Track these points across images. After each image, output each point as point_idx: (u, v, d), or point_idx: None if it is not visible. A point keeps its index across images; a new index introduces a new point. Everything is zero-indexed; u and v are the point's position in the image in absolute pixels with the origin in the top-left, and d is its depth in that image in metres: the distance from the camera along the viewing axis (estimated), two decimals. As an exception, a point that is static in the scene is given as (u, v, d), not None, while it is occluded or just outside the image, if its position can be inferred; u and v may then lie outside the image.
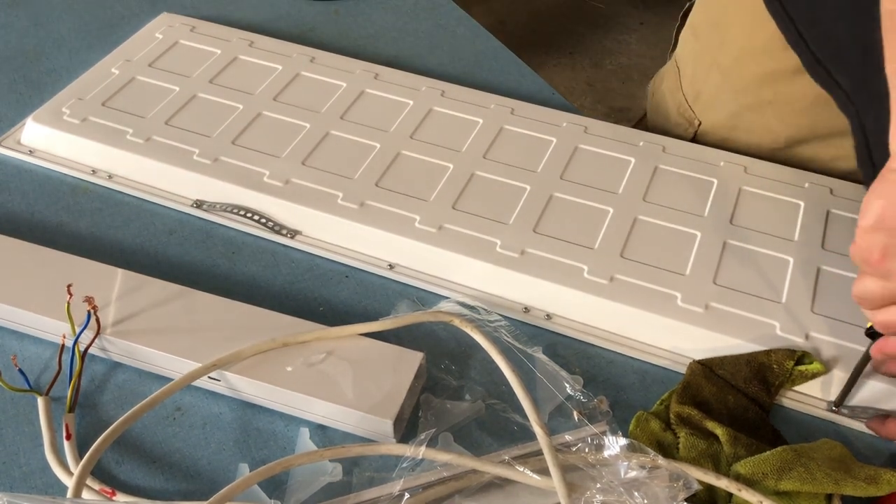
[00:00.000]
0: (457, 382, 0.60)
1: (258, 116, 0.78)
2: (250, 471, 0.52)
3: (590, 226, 0.68)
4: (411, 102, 0.80)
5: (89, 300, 0.58)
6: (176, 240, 0.71)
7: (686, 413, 0.56)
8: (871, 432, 0.57)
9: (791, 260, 0.65)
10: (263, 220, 0.70)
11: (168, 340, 0.59)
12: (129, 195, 0.74)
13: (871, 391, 0.58)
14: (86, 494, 0.52)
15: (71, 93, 0.80)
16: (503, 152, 0.75)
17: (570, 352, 0.63)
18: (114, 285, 0.62)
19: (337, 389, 0.56)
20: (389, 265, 0.68)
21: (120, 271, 0.64)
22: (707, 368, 0.59)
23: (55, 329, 0.60)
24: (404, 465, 0.52)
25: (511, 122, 0.78)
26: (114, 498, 0.53)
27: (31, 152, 0.78)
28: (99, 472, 0.55)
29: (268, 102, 0.79)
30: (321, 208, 0.69)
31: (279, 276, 0.68)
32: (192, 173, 0.72)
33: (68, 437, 0.56)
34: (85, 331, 0.58)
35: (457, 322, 0.60)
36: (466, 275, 0.66)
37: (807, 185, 0.72)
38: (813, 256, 0.65)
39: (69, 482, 0.52)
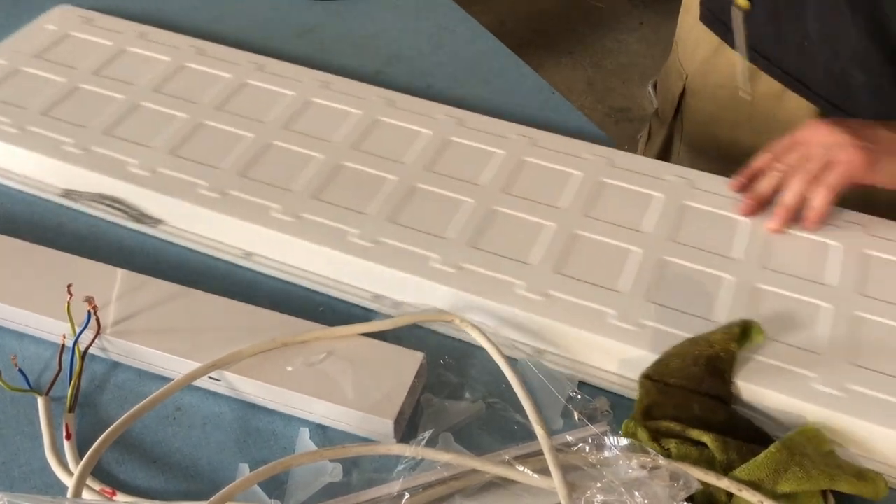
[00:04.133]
0: (457, 382, 0.60)
1: (135, 108, 0.77)
2: (250, 471, 0.52)
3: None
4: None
5: (89, 300, 0.58)
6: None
7: (665, 427, 0.55)
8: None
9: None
10: (120, 207, 0.70)
11: (168, 340, 0.59)
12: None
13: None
14: (86, 494, 0.52)
15: None
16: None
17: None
18: (114, 285, 0.62)
19: (337, 389, 0.56)
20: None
21: (120, 271, 0.64)
22: (660, 383, 0.57)
23: (55, 329, 0.60)
24: (404, 465, 0.52)
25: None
26: (114, 498, 0.53)
27: None
28: (99, 472, 0.55)
29: (154, 98, 0.78)
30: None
31: (279, 276, 0.68)
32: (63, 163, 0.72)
33: (68, 437, 0.55)
34: (85, 331, 0.58)
35: (457, 322, 0.60)
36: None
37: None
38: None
39: (69, 482, 0.52)
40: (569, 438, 0.53)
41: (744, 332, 0.58)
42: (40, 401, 0.57)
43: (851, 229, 0.68)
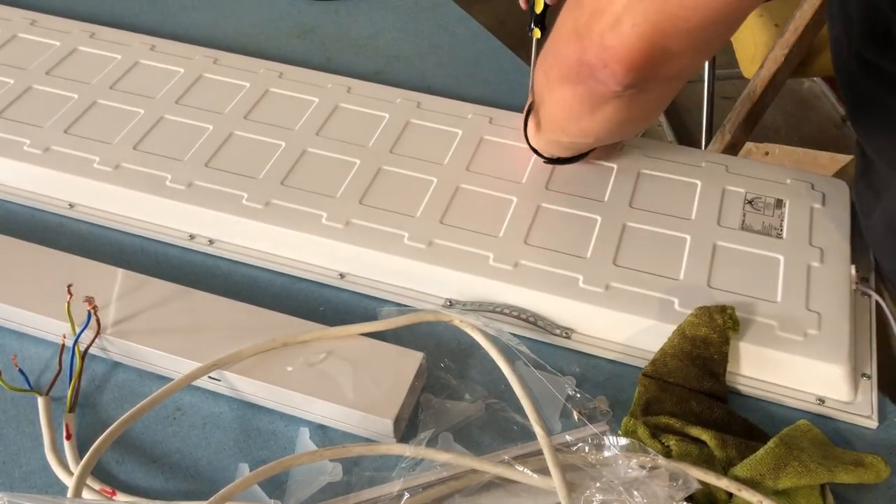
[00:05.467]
0: (457, 382, 0.60)
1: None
2: (250, 471, 0.52)
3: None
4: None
5: (89, 300, 0.58)
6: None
7: (664, 423, 0.55)
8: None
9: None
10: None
11: (168, 340, 0.59)
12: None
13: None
14: (86, 494, 0.52)
15: None
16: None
17: (568, 350, 0.63)
18: (114, 285, 0.62)
19: (337, 389, 0.56)
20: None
21: (120, 271, 0.64)
22: (659, 381, 0.58)
23: (55, 329, 0.60)
24: (404, 465, 0.52)
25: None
26: (114, 498, 0.53)
27: None
28: (99, 472, 0.55)
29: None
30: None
31: (279, 276, 0.68)
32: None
33: (68, 437, 0.56)
34: (85, 331, 0.58)
35: (457, 322, 0.61)
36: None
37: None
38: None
39: (69, 482, 0.52)
40: (568, 438, 0.54)
41: (731, 327, 0.59)
42: (40, 401, 0.58)
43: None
